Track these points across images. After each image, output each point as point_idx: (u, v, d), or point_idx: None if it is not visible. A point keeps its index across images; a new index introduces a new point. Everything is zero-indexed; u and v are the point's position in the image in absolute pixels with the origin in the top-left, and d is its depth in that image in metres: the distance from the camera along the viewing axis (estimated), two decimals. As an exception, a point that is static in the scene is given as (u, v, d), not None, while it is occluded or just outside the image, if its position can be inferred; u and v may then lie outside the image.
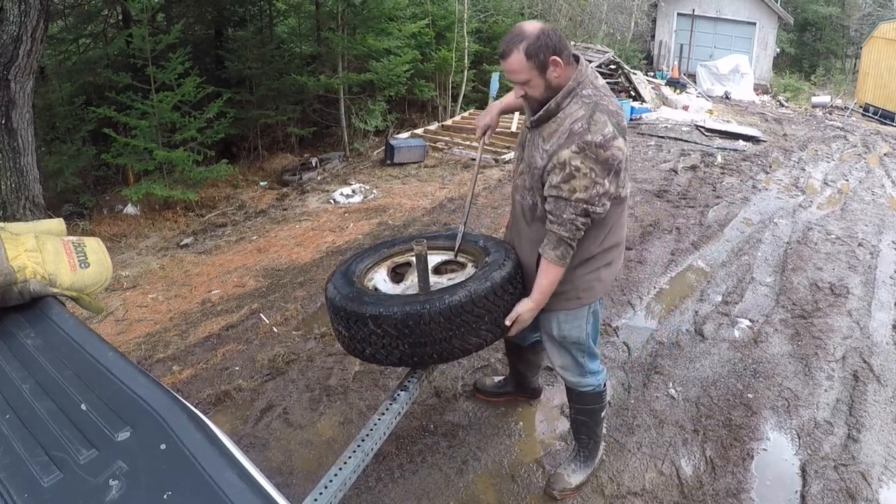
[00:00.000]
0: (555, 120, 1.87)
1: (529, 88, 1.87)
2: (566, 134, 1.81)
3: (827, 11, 23.29)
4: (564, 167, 1.80)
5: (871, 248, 4.81)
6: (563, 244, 1.88)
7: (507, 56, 1.83)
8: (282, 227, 5.91)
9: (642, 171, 7.27)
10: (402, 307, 1.81)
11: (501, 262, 1.98)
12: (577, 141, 1.78)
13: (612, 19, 16.98)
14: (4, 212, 5.27)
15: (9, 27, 4.99)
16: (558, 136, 1.84)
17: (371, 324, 1.83)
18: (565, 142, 1.80)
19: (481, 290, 1.84)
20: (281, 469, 2.43)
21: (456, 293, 1.82)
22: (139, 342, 3.67)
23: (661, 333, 3.45)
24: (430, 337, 1.82)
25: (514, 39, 1.81)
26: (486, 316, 1.87)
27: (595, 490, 2.32)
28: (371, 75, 8.48)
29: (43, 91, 7.37)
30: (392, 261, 2.28)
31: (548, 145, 1.86)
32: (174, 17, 9.18)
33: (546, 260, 1.91)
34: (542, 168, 1.88)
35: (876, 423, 2.73)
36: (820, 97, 17.59)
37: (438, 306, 1.79)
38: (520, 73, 1.83)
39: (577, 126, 1.80)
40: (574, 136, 1.79)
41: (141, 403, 1.01)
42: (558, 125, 1.85)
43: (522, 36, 1.80)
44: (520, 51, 1.80)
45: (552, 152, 1.84)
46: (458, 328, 1.83)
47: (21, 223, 1.57)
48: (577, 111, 1.83)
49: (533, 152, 1.92)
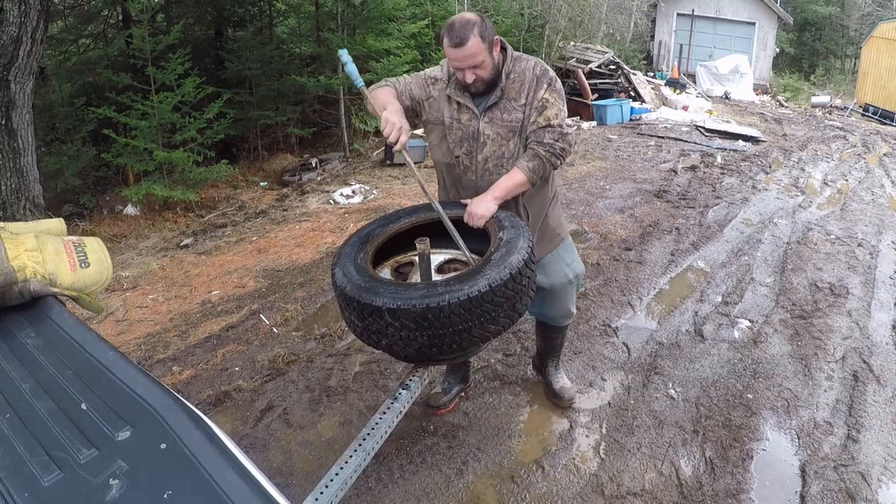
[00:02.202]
0: (513, 82, 2.10)
1: (481, 70, 2.02)
2: (534, 81, 2.08)
3: (826, 11, 23.31)
4: (540, 103, 2.08)
5: (870, 249, 4.81)
6: (537, 159, 2.09)
7: (464, 42, 1.93)
8: (282, 228, 5.91)
9: (642, 171, 7.27)
10: (422, 300, 1.73)
11: (515, 242, 1.90)
12: (544, 80, 2.09)
13: (611, 19, 16.98)
14: (4, 212, 5.27)
15: (9, 28, 4.99)
16: (527, 87, 2.09)
17: (388, 316, 1.76)
18: (537, 86, 2.08)
19: (501, 279, 1.78)
20: (281, 469, 2.43)
21: (477, 283, 1.76)
22: (139, 342, 3.67)
23: (660, 334, 3.45)
24: (450, 328, 1.76)
25: (465, 26, 1.94)
26: (505, 303, 1.83)
27: (595, 490, 2.32)
28: (371, 76, 8.48)
29: (43, 91, 7.38)
30: (395, 260, 2.26)
31: (521, 100, 2.09)
32: (174, 17, 9.19)
33: (517, 168, 2.10)
34: (523, 119, 2.11)
35: (876, 423, 2.73)
36: (819, 97, 17.62)
37: (459, 298, 1.73)
38: (478, 56, 1.97)
39: (538, 70, 2.10)
40: (542, 79, 2.09)
41: (141, 403, 1.01)
42: (520, 82, 2.09)
43: (471, 22, 1.95)
44: (475, 35, 1.94)
45: (529, 101, 2.09)
46: (477, 318, 1.78)
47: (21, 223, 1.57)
48: (524, 63, 2.11)
49: (504, 118, 2.12)
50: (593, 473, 2.40)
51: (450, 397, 2.75)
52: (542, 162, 2.09)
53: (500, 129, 2.14)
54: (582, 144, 9.01)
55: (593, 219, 5.44)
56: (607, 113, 10.77)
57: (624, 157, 8.09)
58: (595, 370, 3.07)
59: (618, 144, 8.93)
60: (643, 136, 9.49)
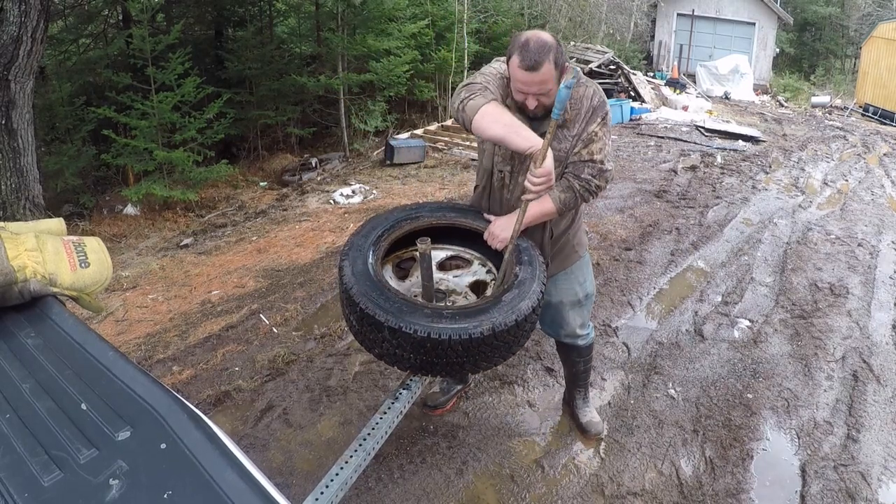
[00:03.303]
0: (571, 109, 1.95)
1: (546, 98, 1.87)
2: (590, 111, 1.95)
3: (826, 11, 23.32)
4: (588, 136, 1.95)
5: (870, 249, 4.81)
6: (570, 192, 1.99)
7: (538, 68, 1.77)
8: (282, 228, 5.91)
9: (642, 171, 7.27)
10: (425, 328, 1.70)
11: (528, 284, 1.86)
12: (599, 114, 1.95)
13: (611, 20, 16.99)
14: (4, 212, 5.27)
15: (9, 27, 4.99)
16: (582, 117, 1.96)
17: (387, 333, 1.75)
18: (591, 117, 1.95)
19: (505, 324, 1.74)
20: (281, 469, 2.43)
21: (481, 324, 1.72)
22: (139, 342, 3.67)
23: (660, 334, 3.45)
24: (443, 359, 1.77)
25: (541, 50, 1.77)
26: (503, 346, 1.82)
27: (595, 490, 2.32)
28: (371, 76, 8.48)
29: (43, 91, 7.38)
30: (397, 255, 2.25)
31: (573, 130, 1.97)
32: (174, 17, 9.20)
33: (548, 197, 1.97)
34: (569, 149, 1.98)
35: (875, 423, 2.73)
36: (819, 97, 17.62)
37: (461, 337, 1.70)
38: (548, 84, 1.83)
39: (595, 101, 1.96)
40: (598, 111, 1.96)
41: (141, 403, 1.01)
42: (576, 111, 1.96)
43: (547, 46, 1.78)
44: (550, 61, 1.78)
45: (580, 132, 1.96)
46: (473, 356, 1.78)
47: (21, 223, 1.57)
48: (584, 91, 1.96)
49: (555, 146, 1.95)
50: (593, 473, 2.40)
51: (448, 397, 2.75)
52: (574, 195, 2.00)
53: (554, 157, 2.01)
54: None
55: (593, 218, 5.44)
56: (607, 113, 10.75)
57: (624, 157, 8.09)
58: (595, 370, 3.07)
59: (618, 144, 8.93)
60: (643, 136, 9.49)
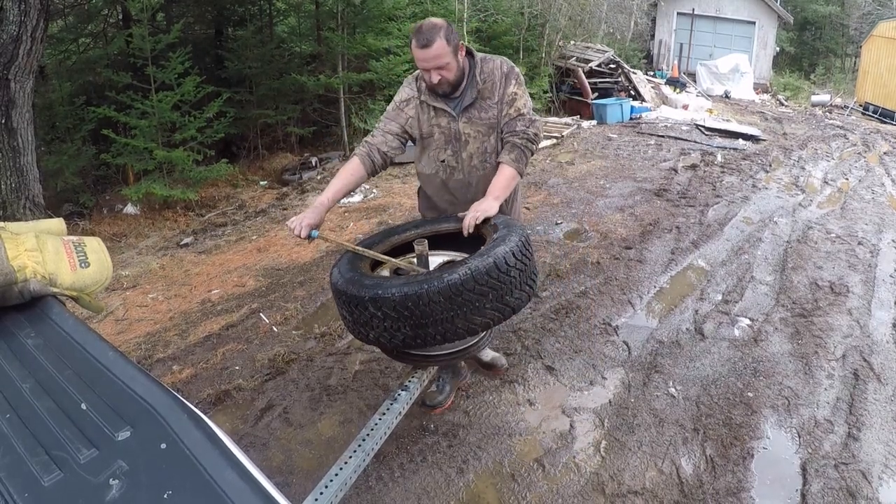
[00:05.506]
0: (484, 82, 2.26)
1: (446, 71, 2.16)
2: (503, 79, 2.27)
3: (826, 10, 23.31)
4: (510, 97, 2.27)
5: (871, 247, 4.81)
6: (516, 149, 2.24)
7: (430, 44, 2.08)
8: (282, 227, 5.90)
9: (642, 170, 7.27)
10: (401, 288, 1.74)
11: (505, 237, 1.90)
12: (511, 77, 2.28)
13: (611, 19, 16.97)
14: (4, 211, 5.27)
15: (9, 27, 4.99)
16: (497, 85, 2.27)
17: (371, 307, 1.77)
18: (506, 82, 2.27)
19: (483, 267, 1.77)
20: (281, 468, 2.43)
21: (456, 271, 1.75)
22: (139, 342, 3.67)
23: (661, 332, 3.45)
24: (431, 318, 1.75)
25: (432, 30, 2.09)
26: (491, 293, 1.80)
27: (595, 489, 2.32)
28: (371, 75, 8.47)
29: (43, 91, 7.37)
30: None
31: (494, 98, 2.27)
32: (174, 16, 9.19)
33: (503, 164, 2.24)
34: (498, 115, 2.28)
35: (876, 421, 2.73)
36: (820, 96, 17.61)
37: (437, 285, 1.72)
38: (443, 57, 2.12)
39: (504, 68, 2.29)
40: (509, 76, 2.28)
41: (141, 403, 1.01)
42: (491, 81, 2.26)
43: (437, 26, 2.11)
44: (441, 37, 2.09)
45: (500, 97, 2.26)
46: (460, 307, 1.76)
47: (21, 223, 1.57)
48: (491, 63, 2.29)
49: (482, 116, 2.28)
50: (594, 472, 2.40)
51: (445, 394, 2.75)
52: (520, 150, 2.25)
53: (479, 128, 2.30)
54: (582, 143, 9.01)
55: (593, 217, 5.43)
56: (607, 112, 10.76)
57: (624, 156, 8.09)
58: (595, 369, 3.07)
59: (618, 143, 8.92)
60: (643, 135, 9.48)
